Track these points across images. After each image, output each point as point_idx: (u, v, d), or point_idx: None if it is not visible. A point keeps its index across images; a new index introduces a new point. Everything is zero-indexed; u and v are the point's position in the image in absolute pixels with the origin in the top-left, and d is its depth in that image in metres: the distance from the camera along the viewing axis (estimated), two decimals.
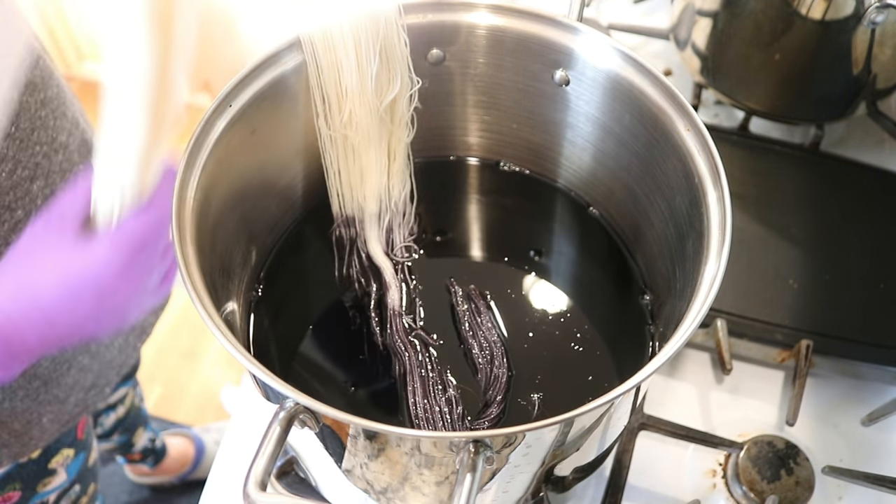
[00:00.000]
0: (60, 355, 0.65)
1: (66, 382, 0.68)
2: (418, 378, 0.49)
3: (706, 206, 0.43)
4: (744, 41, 0.69)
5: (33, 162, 0.56)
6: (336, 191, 0.54)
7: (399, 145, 0.53)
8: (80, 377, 0.69)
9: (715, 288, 0.39)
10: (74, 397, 0.70)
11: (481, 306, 0.53)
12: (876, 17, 0.61)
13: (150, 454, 1.25)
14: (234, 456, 0.59)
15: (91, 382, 0.71)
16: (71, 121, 0.62)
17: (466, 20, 0.52)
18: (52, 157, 0.58)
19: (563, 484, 0.50)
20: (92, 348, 0.69)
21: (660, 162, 0.49)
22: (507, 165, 0.61)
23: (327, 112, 0.50)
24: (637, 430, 0.56)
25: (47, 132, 0.58)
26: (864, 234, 0.67)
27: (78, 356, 0.67)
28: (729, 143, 0.73)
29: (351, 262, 0.55)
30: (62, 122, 0.60)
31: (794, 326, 0.60)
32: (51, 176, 0.58)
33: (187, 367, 1.51)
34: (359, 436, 0.38)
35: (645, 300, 0.54)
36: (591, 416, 0.40)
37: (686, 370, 0.63)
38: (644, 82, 0.48)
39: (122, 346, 0.75)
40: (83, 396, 0.71)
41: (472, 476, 0.34)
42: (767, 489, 0.53)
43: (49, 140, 0.58)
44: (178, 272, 0.39)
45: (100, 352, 0.71)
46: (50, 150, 0.58)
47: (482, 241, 0.60)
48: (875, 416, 0.59)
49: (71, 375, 0.68)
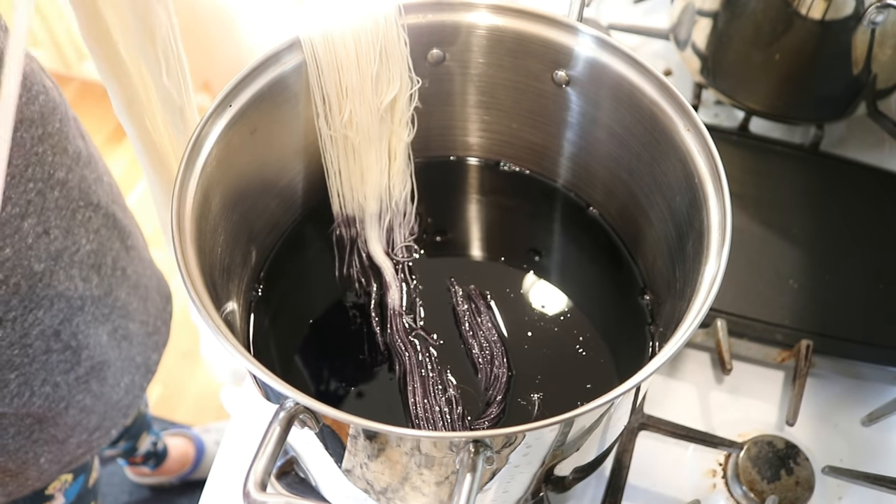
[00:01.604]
0: (55, 393, 0.63)
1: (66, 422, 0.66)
2: (418, 378, 0.49)
3: (706, 206, 0.43)
4: (744, 41, 0.69)
5: (25, 199, 0.54)
6: (336, 190, 0.54)
7: (399, 145, 0.53)
8: (83, 418, 0.67)
9: (715, 288, 0.39)
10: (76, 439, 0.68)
11: (481, 306, 0.53)
12: (876, 17, 0.61)
13: (152, 456, 1.25)
14: (234, 456, 0.59)
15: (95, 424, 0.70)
16: (72, 156, 0.61)
17: (466, 20, 0.52)
18: (46, 195, 0.57)
19: (563, 484, 0.50)
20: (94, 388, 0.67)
21: (660, 162, 0.49)
22: (507, 165, 0.61)
23: (327, 112, 0.50)
24: (637, 430, 0.56)
25: (43, 168, 0.56)
26: (865, 234, 0.67)
27: (77, 395, 0.65)
28: (729, 143, 0.73)
29: (351, 261, 0.56)
30: (62, 157, 0.59)
31: (794, 326, 0.60)
32: (44, 213, 0.56)
33: (187, 367, 1.51)
34: (359, 436, 0.38)
35: (645, 300, 0.54)
36: (592, 416, 0.40)
37: (686, 370, 0.63)
38: (644, 82, 0.48)
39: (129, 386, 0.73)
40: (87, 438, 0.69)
41: (472, 476, 0.34)
42: (767, 489, 0.53)
43: (45, 177, 0.56)
44: (179, 272, 0.39)
45: (104, 392, 0.69)
46: (45, 186, 0.56)
47: (482, 241, 0.60)
48: (875, 416, 0.60)
49: (70, 415, 0.66)
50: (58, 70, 2.00)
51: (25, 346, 0.58)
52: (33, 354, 0.59)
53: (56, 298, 0.59)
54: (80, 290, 0.62)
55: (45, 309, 0.58)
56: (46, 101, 0.58)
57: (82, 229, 0.62)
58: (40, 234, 0.56)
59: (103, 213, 0.65)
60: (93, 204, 0.63)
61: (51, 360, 0.61)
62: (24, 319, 0.57)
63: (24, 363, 0.59)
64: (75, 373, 0.64)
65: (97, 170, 0.67)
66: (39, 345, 0.59)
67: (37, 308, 0.58)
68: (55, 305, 0.59)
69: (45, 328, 0.59)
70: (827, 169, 0.72)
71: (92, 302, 0.64)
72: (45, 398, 0.62)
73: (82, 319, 0.63)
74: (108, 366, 0.68)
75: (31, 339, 0.58)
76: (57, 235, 0.58)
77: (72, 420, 0.66)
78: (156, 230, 1.80)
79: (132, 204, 1.85)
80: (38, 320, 0.58)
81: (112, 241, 0.67)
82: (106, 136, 1.99)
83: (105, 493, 1.34)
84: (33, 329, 0.58)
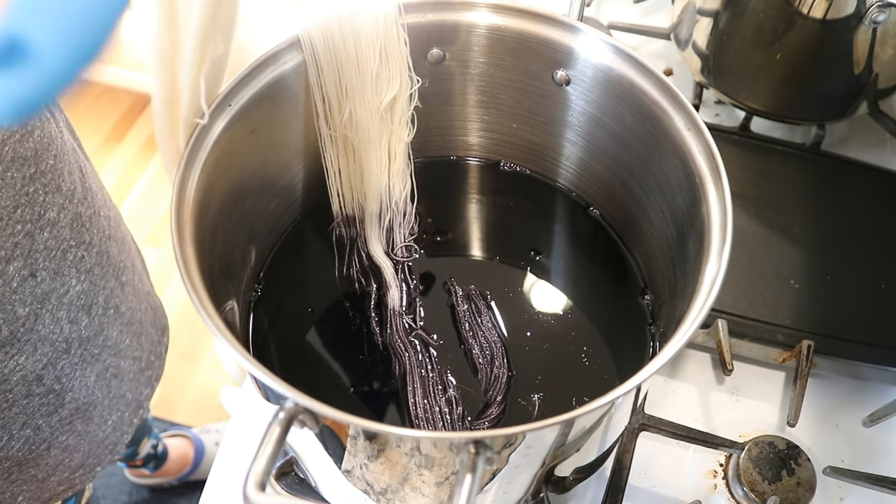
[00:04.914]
0: (36, 436, 0.59)
1: (47, 462, 0.62)
2: (418, 378, 0.49)
3: (707, 206, 0.43)
4: (745, 41, 0.69)
5: (12, 241, 0.51)
6: (336, 190, 0.54)
7: (399, 145, 0.53)
8: (65, 457, 0.63)
9: (716, 288, 0.39)
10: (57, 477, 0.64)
11: (481, 306, 0.53)
12: (877, 17, 0.61)
13: (153, 459, 1.25)
14: (234, 457, 0.59)
15: (79, 462, 0.66)
16: (65, 194, 0.56)
17: (466, 20, 0.52)
18: (35, 236, 0.53)
19: (564, 485, 0.50)
20: (78, 428, 0.63)
21: (660, 162, 0.49)
22: (507, 165, 0.61)
23: (327, 112, 0.50)
24: (638, 430, 0.56)
25: (34, 209, 0.52)
26: (866, 234, 0.67)
27: (60, 436, 0.61)
28: (730, 142, 0.72)
29: (351, 261, 0.55)
30: (54, 196, 0.55)
31: (796, 327, 0.60)
32: (32, 255, 0.53)
33: (187, 368, 1.51)
34: (359, 436, 0.38)
35: (645, 300, 0.54)
36: (592, 417, 0.40)
37: (687, 371, 0.63)
38: (645, 82, 0.48)
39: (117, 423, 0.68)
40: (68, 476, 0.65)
41: (472, 477, 0.33)
42: (768, 490, 0.53)
43: (35, 217, 0.53)
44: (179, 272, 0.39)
45: (89, 431, 0.65)
46: (34, 228, 0.53)
47: (482, 240, 0.60)
48: (876, 417, 0.59)
49: (52, 455, 0.62)
50: None
51: (4, 391, 0.55)
52: (13, 399, 0.56)
53: (40, 343, 0.56)
54: (67, 333, 0.58)
55: (27, 354, 0.55)
56: (42, 136, 0.54)
57: (73, 269, 0.58)
58: (26, 277, 0.53)
59: (97, 252, 0.61)
60: (85, 242, 0.59)
61: (32, 403, 0.58)
62: (4, 365, 0.54)
63: (1, 408, 0.55)
64: (58, 415, 0.60)
65: (94, 204, 0.62)
66: (20, 390, 0.56)
67: (18, 354, 0.54)
68: (38, 350, 0.56)
69: (26, 373, 0.56)
70: (828, 169, 0.71)
71: (79, 344, 0.60)
72: (24, 441, 0.59)
73: (68, 362, 0.59)
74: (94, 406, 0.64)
75: (10, 384, 0.55)
76: (45, 277, 0.54)
77: (53, 460, 0.62)
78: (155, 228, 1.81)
79: (132, 204, 1.86)
80: (20, 366, 0.55)
81: (106, 280, 0.63)
82: (105, 135, 2.00)
83: (104, 494, 1.34)
84: (13, 375, 0.55)
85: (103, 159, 1.94)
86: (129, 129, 2.00)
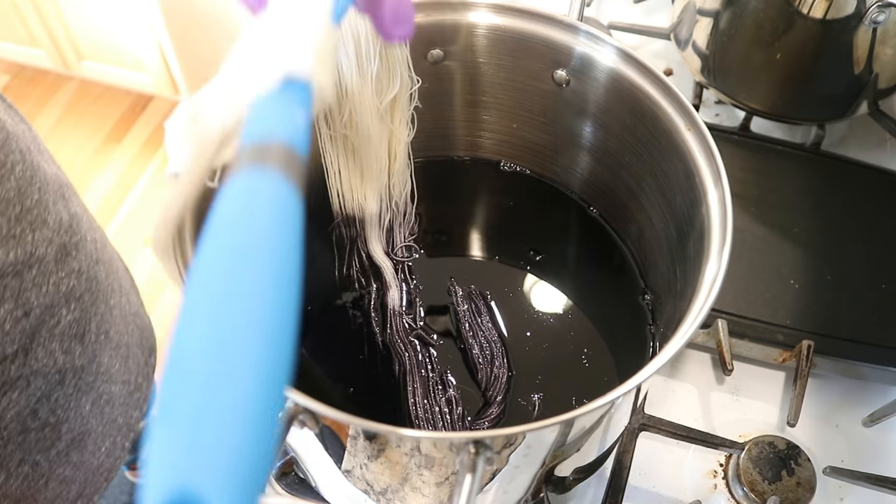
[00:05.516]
0: (34, 472, 0.57)
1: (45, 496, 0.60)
2: (418, 378, 0.49)
3: (707, 206, 0.43)
4: (745, 41, 0.69)
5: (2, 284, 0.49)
6: (336, 190, 0.54)
7: (399, 145, 0.53)
8: (62, 489, 0.62)
9: (716, 288, 0.39)
10: None
11: (481, 306, 0.53)
12: (877, 17, 0.61)
13: None
14: None
15: (76, 493, 0.64)
16: (52, 227, 0.54)
17: (466, 20, 0.52)
18: (24, 275, 0.51)
19: (564, 485, 0.50)
20: (74, 459, 0.62)
21: (660, 162, 0.49)
22: (507, 165, 0.61)
23: (327, 112, 0.50)
24: (638, 430, 0.56)
25: (24, 249, 0.51)
26: (866, 233, 0.67)
27: (57, 469, 0.60)
28: (730, 142, 0.72)
29: (351, 261, 0.55)
30: (42, 232, 0.52)
31: (796, 327, 0.60)
32: (23, 295, 0.51)
33: None
34: (359, 436, 0.38)
35: (645, 300, 0.54)
36: (592, 417, 0.40)
37: (687, 371, 0.63)
38: (645, 82, 0.48)
39: (110, 449, 0.67)
40: None
41: (472, 477, 0.33)
42: (768, 490, 0.53)
43: (25, 258, 0.51)
44: (179, 272, 0.39)
45: (84, 461, 0.63)
46: (24, 267, 0.51)
47: (482, 240, 0.60)
48: (876, 417, 0.59)
49: (50, 489, 0.60)
50: (58, 70, 2.01)
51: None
52: (8, 436, 0.54)
53: (33, 377, 0.54)
54: (61, 364, 0.56)
55: (20, 390, 0.53)
56: (23, 172, 0.51)
57: (63, 299, 0.56)
58: (19, 318, 0.51)
59: (86, 278, 0.59)
60: (74, 271, 0.57)
61: (28, 439, 0.56)
62: None
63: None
64: (56, 448, 0.59)
65: (79, 230, 0.60)
66: (14, 427, 0.54)
67: (11, 390, 0.52)
68: (32, 384, 0.54)
69: (20, 409, 0.54)
70: (828, 168, 0.71)
71: (74, 373, 0.58)
72: (23, 478, 0.57)
73: (62, 393, 0.58)
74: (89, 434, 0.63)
75: (5, 422, 0.53)
76: (37, 314, 0.53)
77: (52, 494, 0.61)
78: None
79: (132, 204, 1.86)
80: (13, 402, 0.53)
81: (97, 305, 0.61)
82: (104, 135, 2.00)
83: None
84: (7, 412, 0.53)
85: (103, 159, 1.94)
86: (129, 129, 2.00)
